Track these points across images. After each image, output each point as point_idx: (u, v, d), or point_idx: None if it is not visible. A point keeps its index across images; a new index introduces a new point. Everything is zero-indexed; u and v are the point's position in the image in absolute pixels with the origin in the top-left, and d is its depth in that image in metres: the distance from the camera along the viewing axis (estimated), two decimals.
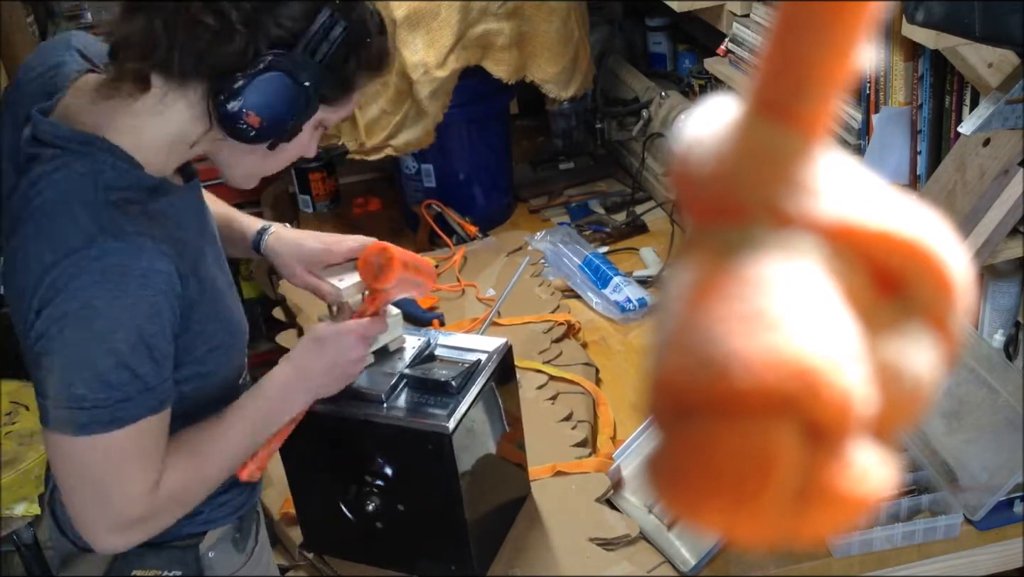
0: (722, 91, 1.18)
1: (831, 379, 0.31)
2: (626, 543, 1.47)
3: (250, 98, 1.05)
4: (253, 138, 1.08)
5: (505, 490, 1.50)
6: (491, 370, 1.38)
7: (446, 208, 2.39)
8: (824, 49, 0.33)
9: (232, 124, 1.06)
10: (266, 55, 1.04)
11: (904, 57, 1.57)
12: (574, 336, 1.98)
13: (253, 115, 1.06)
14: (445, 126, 2.25)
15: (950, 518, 1.45)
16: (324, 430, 1.36)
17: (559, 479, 1.58)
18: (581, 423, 1.71)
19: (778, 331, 0.31)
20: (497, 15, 2.17)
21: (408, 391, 1.35)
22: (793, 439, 0.31)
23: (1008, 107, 1.42)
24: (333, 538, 1.48)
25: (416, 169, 2.42)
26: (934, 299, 0.34)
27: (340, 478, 1.39)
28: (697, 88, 2.41)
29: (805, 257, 0.33)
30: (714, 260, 0.33)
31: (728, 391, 0.31)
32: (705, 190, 0.35)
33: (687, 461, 0.32)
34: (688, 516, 0.33)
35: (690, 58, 2.60)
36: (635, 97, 2.56)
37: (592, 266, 2.16)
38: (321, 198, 2.66)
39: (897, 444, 0.34)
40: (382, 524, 1.39)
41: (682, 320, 0.33)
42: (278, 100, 1.06)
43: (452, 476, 1.31)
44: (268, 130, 1.08)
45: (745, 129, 0.34)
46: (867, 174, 0.35)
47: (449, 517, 1.35)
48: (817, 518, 0.32)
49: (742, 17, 1.99)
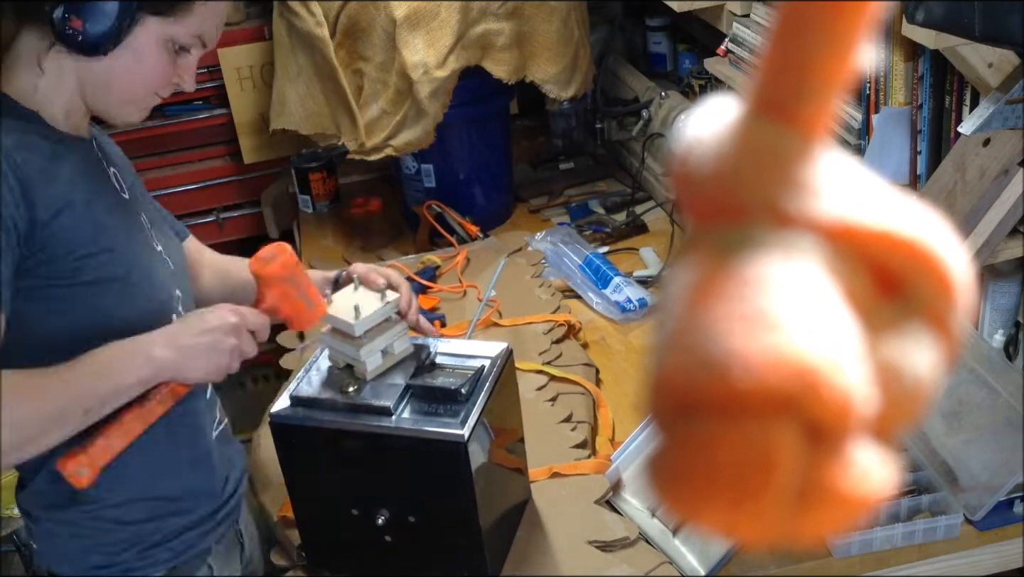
0: (722, 91, 1.18)
1: (831, 379, 0.31)
2: (625, 545, 1.47)
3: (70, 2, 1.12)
4: (83, 43, 1.14)
5: (510, 495, 1.50)
6: (496, 376, 1.38)
7: (446, 208, 2.39)
8: (824, 49, 0.33)
9: (61, 32, 1.13)
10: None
11: (904, 57, 1.57)
12: (574, 336, 1.98)
13: (75, 18, 1.12)
14: (445, 126, 2.25)
15: (950, 518, 1.45)
16: (330, 445, 1.34)
17: (558, 481, 1.58)
18: (581, 424, 1.71)
19: (778, 331, 0.31)
20: (497, 15, 2.17)
21: (415, 401, 1.34)
22: (793, 439, 0.31)
23: (1008, 107, 1.42)
24: (337, 555, 1.46)
25: (416, 169, 2.42)
26: (934, 299, 0.34)
27: (347, 494, 1.37)
28: (697, 88, 2.41)
29: (805, 257, 0.33)
30: (714, 260, 0.33)
31: (728, 391, 0.31)
32: (705, 190, 0.35)
33: (687, 461, 0.32)
34: (688, 516, 0.33)
35: (690, 58, 2.60)
36: (635, 97, 2.56)
37: (592, 266, 2.16)
38: (321, 198, 2.66)
39: (897, 444, 0.34)
40: (392, 537, 1.37)
41: (682, 320, 0.33)
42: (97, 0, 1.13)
43: (467, 484, 1.29)
44: (93, 34, 1.13)
45: (745, 129, 0.34)
46: (867, 174, 0.35)
47: (463, 525, 1.33)
48: (817, 518, 0.32)
49: (742, 17, 1.99)
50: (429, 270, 2.20)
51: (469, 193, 2.45)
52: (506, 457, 1.47)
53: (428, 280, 2.16)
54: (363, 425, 1.31)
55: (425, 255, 2.29)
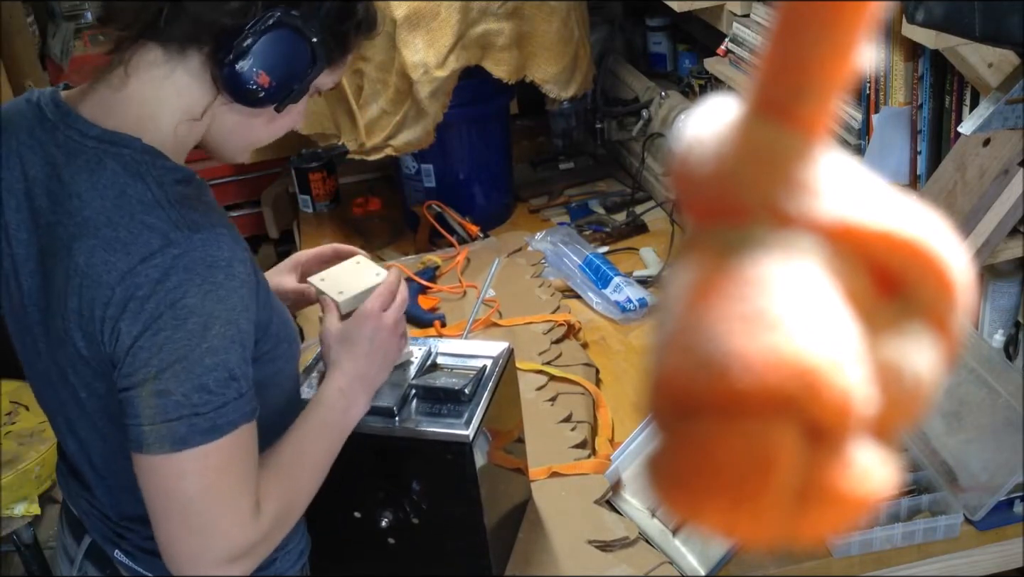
0: (722, 91, 1.18)
1: (831, 379, 0.31)
2: (625, 545, 1.47)
3: (260, 56, 1.00)
4: (263, 99, 1.04)
5: (512, 495, 1.50)
6: (498, 375, 1.38)
7: (446, 208, 2.39)
8: (824, 49, 0.33)
9: (242, 86, 1.02)
10: (271, 12, 1.01)
11: (904, 57, 1.57)
12: (574, 336, 1.98)
13: (264, 74, 1.01)
14: (445, 126, 2.25)
15: (950, 518, 1.45)
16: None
17: (558, 481, 1.58)
18: (580, 424, 1.71)
19: (778, 331, 0.31)
20: (497, 15, 2.17)
21: (418, 402, 1.33)
22: (793, 439, 0.31)
23: (1008, 107, 1.42)
24: (340, 558, 1.45)
25: (416, 169, 2.42)
26: (935, 299, 0.34)
27: (350, 496, 1.36)
28: (697, 88, 2.41)
29: (805, 257, 0.33)
30: (714, 260, 0.33)
31: (728, 391, 0.31)
32: (705, 190, 0.35)
33: (687, 461, 0.32)
34: (688, 516, 0.33)
35: (690, 58, 2.60)
36: (635, 97, 2.56)
37: (592, 266, 2.16)
38: (321, 198, 2.66)
39: (897, 444, 0.34)
40: (395, 539, 1.37)
41: (682, 320, 0.33)
42: (288, 58, 1.03)
43: (472, 484, 1.29)
44: (278, 90, 1.04)
45: (745, 129, 0.34)
46: (867, 174, 0.35)
47: (468, 526, 1.33)
48: (817, 518, 0.32)
49: (742, 17, 1.99)
50: (429, 270, 2.20)
51: (469, 193, 2.45)
52: (507, 457, 1.47)
53: (428, 280, 2.16)
54: (366, 426, 1.31)
55: (425, 255, 2.28)
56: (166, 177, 1.00)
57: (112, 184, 0.98)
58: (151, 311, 0.94)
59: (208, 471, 0.96)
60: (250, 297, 1.00)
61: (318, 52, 1.05)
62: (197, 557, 0.98)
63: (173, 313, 0.94)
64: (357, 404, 1.19)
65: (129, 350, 0.95)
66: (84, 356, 1.00)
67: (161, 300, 0.94)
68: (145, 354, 0.94)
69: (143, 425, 0.95)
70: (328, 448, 1.15)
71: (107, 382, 1.00)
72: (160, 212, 0.97)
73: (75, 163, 1.00)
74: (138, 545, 1.14)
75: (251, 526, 1.00)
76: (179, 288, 0.94)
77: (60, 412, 1.11)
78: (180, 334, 0.94)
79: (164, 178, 1.00)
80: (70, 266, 0.97)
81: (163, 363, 0.94)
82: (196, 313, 0.94)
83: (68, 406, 1.08)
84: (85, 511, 1.18)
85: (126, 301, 0.94)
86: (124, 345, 0.95)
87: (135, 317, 0.94)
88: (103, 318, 0.95)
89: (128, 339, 0.94)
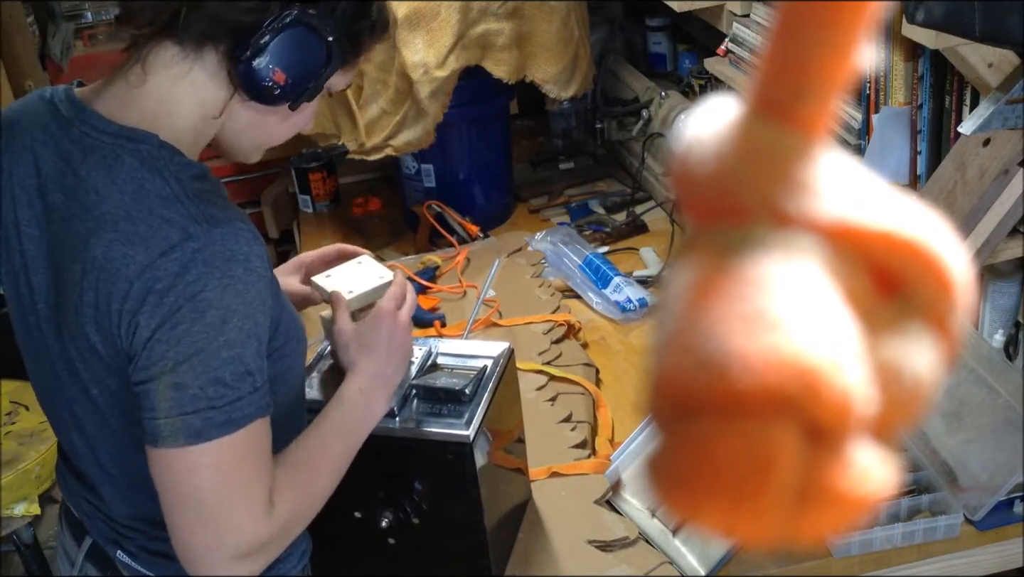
0: (722, 91, 1.18)
1: (831, 379, 0.31)
2: (625, 545, 1.47)
3: (276, 54, 1.01)
4: (278, 97, 1.05)
5: (512, 495, 1.50)
6: (498, 375, 1.38)
7: (446, 208, 2.39)
8: (824, 49, 0.33)
9: (258, 83, 1.02)
10: (288, 10, 1.01)
11: (904, 57, 1.57)
12: (574, 336, 1.98)
13: (280, 72, 1.02)
14: (445, 126, 2.25)
15: (950, 518, 1.45)
16: None
17: (558, 481, 1.58)
18: (580, 424, 1.71)
19: (778, 331, 0.31)
20: (497, 15, 2.17)
21: (419, 402, 1.33)
22: (793, 439, 0.31)
23: (1008, 107, 1.42)
24: (340, 559, 1.45)
25: (416, 169, 2.42)
26: (934, 299, 0.34)
27: (350, 496, 1.34)
28: (697, 88, 2.42)
29: (805, 257, 0.33)
30: (714, 260, 0.33)
31: (728, 391, 0.31)
32: (705, 190, 0.35)
33: (687, 461, 0.32)
34: (688, 516, 0.33)
35: (690, 58, 2.60)
36: (635, 97, 2.56)
37: (592, 266, 2.16)
38: (321, 198, 2.66)
39: (897, 444, 0.34)
40: (395, 539, 1.36)
41: (682, 320, 0.33)
42: (304, 56, 1.04)
43: (472, 484, 1.29)
44: (293, 87, 1.05)
45: (745, 129, 0.34)
46: (867, 174, 0.35)
47: (468, 527, 1.33)
48: (817, 518, 0.32)
49: (742, 17, 1.99)
50: (429, 270, 2.20)
51: (469, 193, 2.45)
52: (507, 457, 1.47)
53: (428, 280, 2.16)
54: None
55: (425, 255, 2.29)
56: (183, 172, 1.00)
57: (130, 179, 0.98)
58: (170, 304, 0.94)
59: (222, 465, 0.97)
60: (267, 292, 1.00)
61: (333, 51, 1.06)
62: (211, 551, 0.98)
63: (192, 306, 0.94)
64: (376, 404, 1.19)
65: (147, 343, 0.95)
66: (98, 351, 1.00)
67: (181, 293, 0.94)
68: (163, 347, 0.95)
69: (159, 419, 0.95)
70: (346, 448, 1.15)
71: (120, 377, 1.01)
72: (179, 206, 0.97)
73: (91, 159, 1.01)
74: (143, 545, 1.14)
75: (264, 521, 1.00)
76: (199, 281, 0.94)
77: (67, 410, 1.11)
78: (198, 327, 0.94)
79: (182, 173, 1.00)
80: (87, 260, 0.97)
81: (180, 356, 0.94)
82: (215, 306, 0.94)
83: (76, 403, 1.08)
84: (86, 511, 1.18)
85: (145, 294, 0.94)
86: (141, 338, 0.95)
87: (154, 310, 0.94)
88: (120, 311, 0.96)
89: (146, 332, 0.95)
